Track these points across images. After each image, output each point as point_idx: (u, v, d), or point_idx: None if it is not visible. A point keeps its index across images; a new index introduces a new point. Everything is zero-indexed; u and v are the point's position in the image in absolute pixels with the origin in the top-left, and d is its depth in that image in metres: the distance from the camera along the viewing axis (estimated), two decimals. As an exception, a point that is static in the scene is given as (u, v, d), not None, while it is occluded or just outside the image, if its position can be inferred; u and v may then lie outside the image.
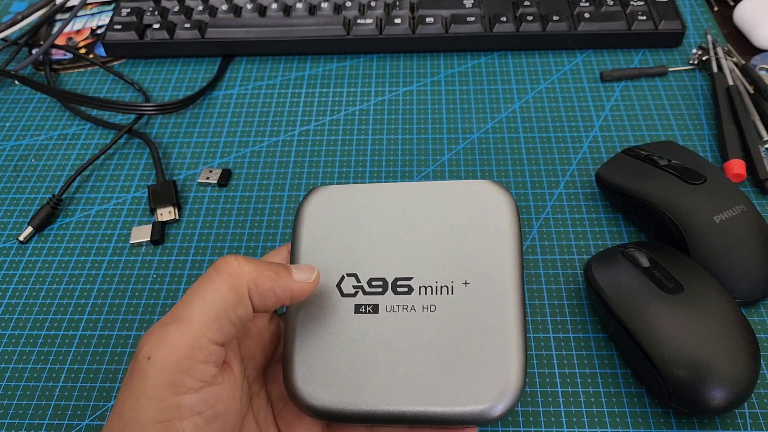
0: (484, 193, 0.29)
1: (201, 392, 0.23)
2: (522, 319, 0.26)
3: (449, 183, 0.30)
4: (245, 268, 0.25)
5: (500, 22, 0.50)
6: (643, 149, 0.40)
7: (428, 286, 0.27)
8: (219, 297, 0.24)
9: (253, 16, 0.52)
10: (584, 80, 0.49)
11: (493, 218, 0.28)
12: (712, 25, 0.52)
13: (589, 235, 0.40)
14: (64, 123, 0.49)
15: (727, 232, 0.35)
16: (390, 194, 0.30)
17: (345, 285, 0.28)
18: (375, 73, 0.51)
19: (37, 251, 0.41)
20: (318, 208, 0.30)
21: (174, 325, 0.23)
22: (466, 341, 0.26)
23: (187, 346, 0.23)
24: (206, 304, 0.24)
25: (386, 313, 0.27)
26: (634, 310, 0.32)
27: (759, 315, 0.35)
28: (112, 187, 0.44)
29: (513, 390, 0.25)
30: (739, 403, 0.30)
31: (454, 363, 0.26)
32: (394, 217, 0.29)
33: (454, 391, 0.25)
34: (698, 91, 0.48)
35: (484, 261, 0.27)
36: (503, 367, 0.25)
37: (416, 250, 0.28)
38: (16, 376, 0.35)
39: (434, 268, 0.28)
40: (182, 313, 0.24)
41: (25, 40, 0.55)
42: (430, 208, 0.29)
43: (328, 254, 0.29)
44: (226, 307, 0.24)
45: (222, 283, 0.24)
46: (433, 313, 0.27)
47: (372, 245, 0.29)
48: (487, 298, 0.27)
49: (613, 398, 0.33)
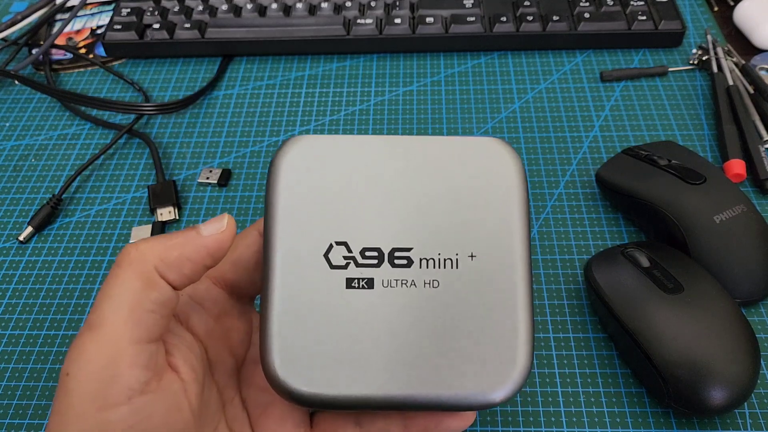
0: (492, 153, 0.26)
1: (131, 404, 0.21)
2: (530, 297, 0.24)
3: (453, 139, 0.26)
4: (144, 249, 0.22)
5: (500, 22, 0.50)
6: (643, 149, 0.40)
7: (430, 258, 0.24)
8: (125, 289, 0.22)
9: (253, 16, 0.52)
10: (584, 80, 0.49)
11: (500, 182, 0.25)
12: (712, 25, 0.52)
13: (589, 235, 0.40)
14: (64, 123, 0.49)
15: (727, 232, 0.35)
16: (386, 148, 0.26)
17: (334, 255, 0.24)
18: (375, 73, 0.51)
19: (37, 251, 0.41)
20: (298, 162, 0.25)
21: (88, 333, 0.21)
22: (469, 320, 0.24)
23: (105, 353, 0.20)
24: (114, 301, 0.21)
25: (382, 288, 0.24)
26: (634, 310, 0.32)
27: (759, 315, 0.35)
28: (112, 187, 0.44)
29: (519, 372, 0.23)
30: (739, 403, 0.30)
31: (457, 344, 0.24)
32: (391, 175, 0.25)
33: (457, 374, 0.23)
34: (698, 91, 0.48)
35: (491, 231, 0.25)
36: (509, 348, 0.24)
37: (416, 216, 0.25)
38: (16, 376, 0.35)
39: (437, 237, 0.25)
40: (93, 318, 0.21)
41: (25, 40, 0.54)
42: (432, 166, 0.25)
43: (312, 218, 0.25)
44: (136, 297, 0.21)
45: (125, 274, 0.22)
46: (435, 290, 0.24)
47: (365, 208, 0.25)
48: (494, 275, 0.24)
49: (613, 398, 0.33)
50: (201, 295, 0.26)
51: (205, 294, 0.26)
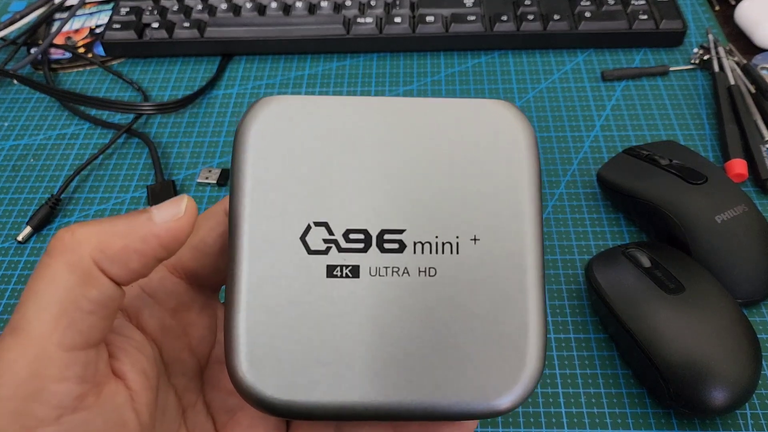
0: (497, 117, 0.22)
1: (60, 423, 0.17)
2: (542, 288, 0.21)
3: (453, 101, 0.22)
4: (82, 236, 0.18)
5: (501, 21, 0.50)
6: (644, 149, 0.40)
7: (426, 242, 0.21)
8: (56, 285, 0.18)
9: (253, 15, 0.52)
10: (585, 80, 0.49)
11: (508, 151, 0.22)
12: (713, 24, 0.52)
13: (590, 235, 0.39)
14: (63, 122, 0.49)
15: (728, 232, 0.35)
16: (375, 111, 0.22)
17: (312, 238, 0.21)
18: (375, 72, 0.51)
19: (35, 251, 0.41)
20: (269, 127, 0.21)
21: (9, 338, 0.17)
22: (472, 316, 0.21)
23: (28, 362, 0.17)
24: (42, 299, 0.17)
25: (370, 277, 0.21)
26: (635, 310, 0.32)
27: (760, 315, 0.35)
28: (110, 187, 0.44)
29: (529, 378, 0.20)
30: (741, 403, 0.30)
31: (456, 343, 0.20)
32: (380, 142, 0.22)
33: (456, 378, 0.20)
34: (699, 90, 0.47)
35: (498, 210, 0.21)
36: (517, 350, 0.20)
37: (410, 192, 0.21)
38: (14, 377, 0.35)
39: (434, 217, 0.21)
40: (16, 320, 0.17)
41: (23, 39, 0.54)
42: (429, 133, 0.22)
43: (286, 194, 0.21)
44: (70, 295, 0.18)
45: (56, 266, 0.18)
46: (432, 279, 0.21)
47: (349, 183, 0.21)
48: (501, 262, 0.21)
49: (614, 399, 0.33)
50: (154, 286, 0.22)
51: (159, 285, 0.22)
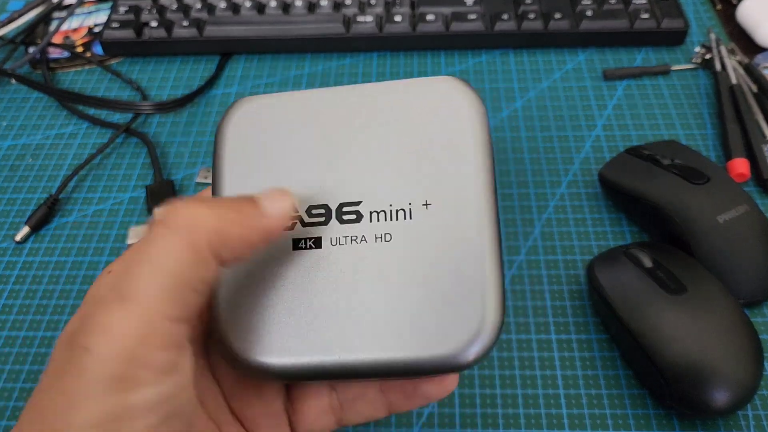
0: (444, 93, 0.24)
1: (158, 386, 0.18)
2: (497, 244, 0.22)
3: (401, 82, 0.25)
4: (199, 216, 0.19)
5: (501, 20, 0.50)
6: (645, 149, 0.40)
7: (381, 210, 0.23)
8: (173, 259, 0.18)
9: (252, 14, 0.51)
10: (586, 79, 0.48)
11: (455, 123, 0.23)
12: (715, 23, 0.52)
13: (591, 236, 0.39)
14: (62, 122, 0.49)
15: (730, 233, 0.35)
16: (331, 101, 0.25)
17: None
18: (375, 71, 0.50)
19: (34, 251, 0.41)
20: (243, 125, 0.25)
21: (119, 305, 0.18)
22: (430, 274, 0.22)
23: (138, 331, 0.18)
24: (157, 271, 0.18)
25: (331, 246, 0.23)
26: (637, 310, 0.32)
27: (762, 316, 0.35)
28: (109, 187, 0.44)
29: (489, 329, 0.21)
30: (742, 404, 0.30)
31: (416, 301, 0.22)
32: (336, 127, 0.24)
33: (419, 334, 0.22)
34: (701, 90, 0.47)
35: (447, 176, 0.23)
36: (476, 301, 0.21)
37: (364, 167, 0.24)
38: (13, 378, 0.35)
39: (387, 188, 0.23)
40: (126, 287, 0.18)
41: (21, 38, 0.54)
42: (379, 113, 0.24)
43: (257, 181, 0.24)
44: (185, 271, 0.18)
45: (174, 241, 0.19)
46: (388, 243, 0.23)
47: (311, 165, 0.24)
48: (453, 221, 0.22)
49: (615, 400, 0.33)
50: None
51: None
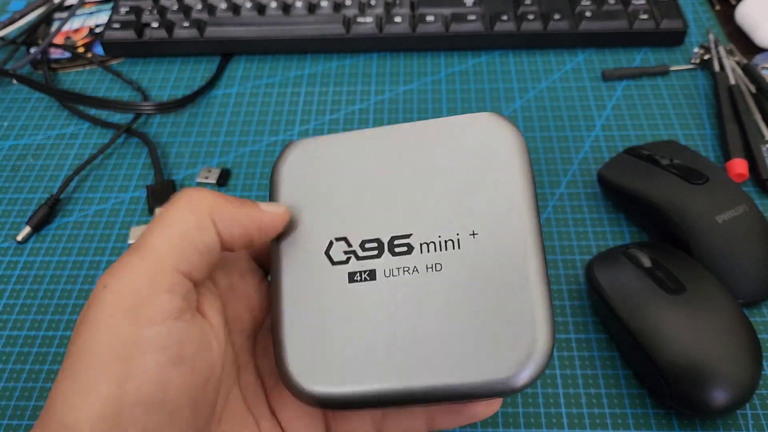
0: (486, 129, 0.25)
1: (164, 324, 0.20)
2: (543, 270, 0.23)
3: (444, 120, 0.26)
4: (204, 193, 0.23)
5: (501, 21, 0.50)
6: (644, 149, 0.40)
7: (430, 242, 0.24)
8: (179, 221, 0.22)
9: (252, 15, 0.52)
10: (586, 79, 0.49)
11: (497, 156, 0.25)
12: (713, 24, 0.52)
13: (590, 235, 0.39)
14: (63, 122, 0.49)
15: (729, 233, 0.35)
16: (377, 140, 0.26)
17: (335, 251, 0.25)
18: (375, 72, 0.50)
19: (35, 251, 0.41)
20: (297, 166, 0.26)
21: (134, 253, 0.21)
22: (480, 301, 0.23)
23: (148, 272, 0.21)
24: (166, 229, 0.22)
25: (385, 278, 0.24)
26: (636, 310, 0.32)
27: (761, 315, 0.35)
28: (110, 187, 0.44)
29: (541, 352, 0.22)
30: (741, 404, 0.30)
31: (468, 327, 0.23)
32: (384, 165, 0.26)
33: (472, 360, 0.22)
34: (700, 90, 0.47)
35: (492, 206, 0.24)
36: (527, 326, 0.22)
37: (413, 201, 0.25)
38: (14, 377, 0.35)
39: (435, 220, 0.24)
40: (142, 242, 0.22)
41: (23, 39, 0.54)
42: (425, 150, 0.25)
43: (312, 219, 0.25)
44: (189, 232, 0.22)
45: (183, 210, 0.22)
46: (439, 273, 0.24)
47: (361, 202, 0.25)
48: (501, 249, 0.23)
49: (615, 399, 0.33)
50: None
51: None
